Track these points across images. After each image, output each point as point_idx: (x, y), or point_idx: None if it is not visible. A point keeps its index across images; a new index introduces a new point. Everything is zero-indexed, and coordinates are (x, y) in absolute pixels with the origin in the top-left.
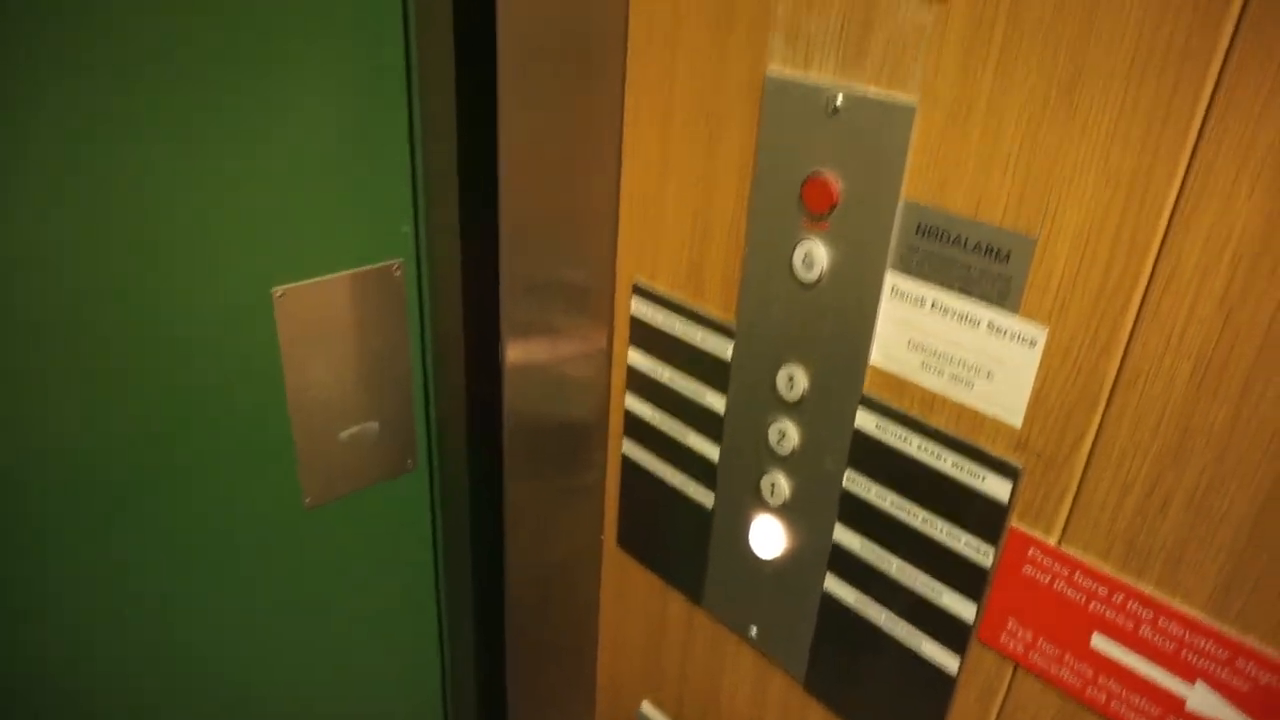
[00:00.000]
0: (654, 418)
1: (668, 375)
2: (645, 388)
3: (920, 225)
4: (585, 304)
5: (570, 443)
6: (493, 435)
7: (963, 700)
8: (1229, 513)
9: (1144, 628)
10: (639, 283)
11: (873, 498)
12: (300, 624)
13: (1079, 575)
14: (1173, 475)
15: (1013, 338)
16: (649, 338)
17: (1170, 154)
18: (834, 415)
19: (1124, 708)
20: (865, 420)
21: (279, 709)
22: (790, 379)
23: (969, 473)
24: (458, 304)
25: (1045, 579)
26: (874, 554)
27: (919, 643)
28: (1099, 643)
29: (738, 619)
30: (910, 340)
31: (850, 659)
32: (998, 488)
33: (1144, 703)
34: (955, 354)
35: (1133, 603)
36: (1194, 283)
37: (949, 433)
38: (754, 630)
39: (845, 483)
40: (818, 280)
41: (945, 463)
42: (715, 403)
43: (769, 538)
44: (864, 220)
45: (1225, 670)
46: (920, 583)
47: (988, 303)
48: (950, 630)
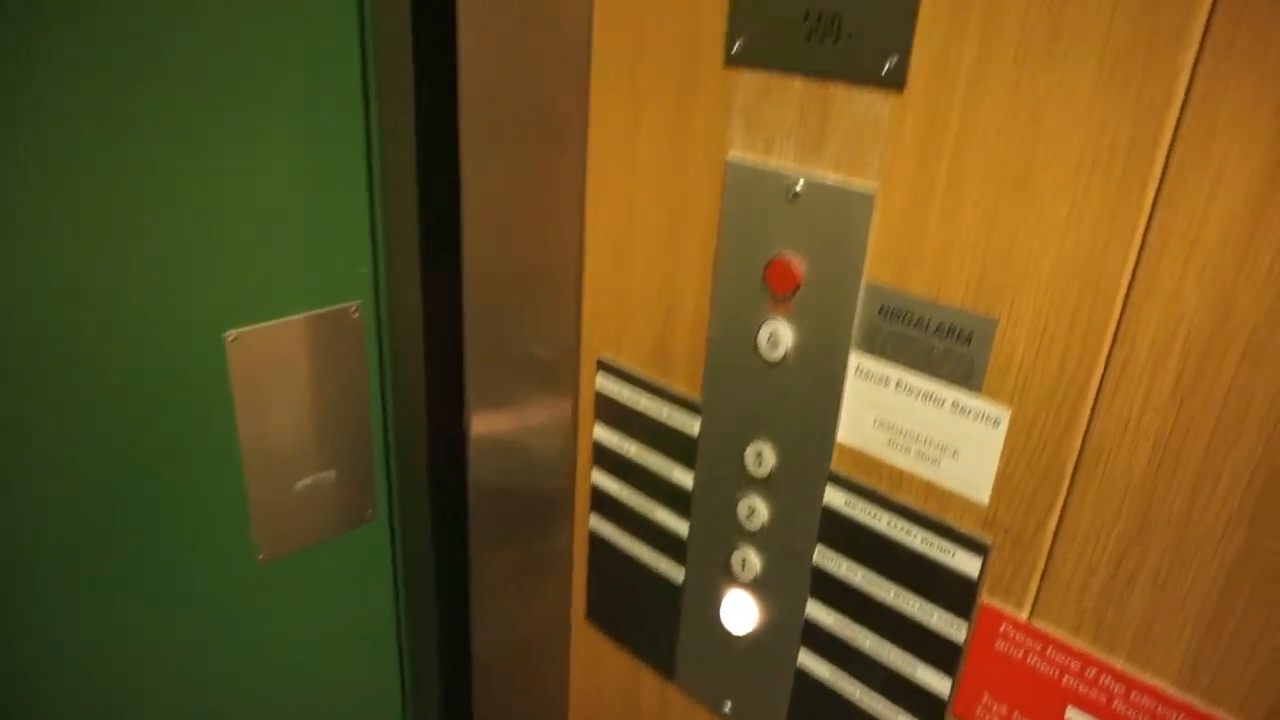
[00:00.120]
0: (621, 493)
1: (634, 450)
2: (612, 462)
3: (883, 307)
4: (550, 379)
5: (536, 515)
6: (456, 486)
7: None
8: (1192, 590)
9: (1116, 702)
10: (604, 358)
11: (844, 573)
12: (254, 689)
13: (1051, 650)
14: (1136, 554)
15: (977, 417)
16: (615, 413)
17: (1121, 245)
18: (803, 491)
19: None
20: (834, 496)
21: None
22: (759, 455)
23: (939, 548)
24: (419, 346)
25: (1018, 654)
26: (847, 629)
27: (894, 717)
28: (1073, 716)
29: (711, 694)
30: (876, 418)
31: None
32: (968, 563)
33: None
34: (921, 432)
35: (1105, 677)
36: (1148, 369)
37: (918, 509)
38: (728, 705)
39: (816, 558)
40: (783, 359)
41: (915, 539)
42: (683, 478)
43: (741, 613)
44: (827, 301)
45: None
46: (894, 658)
47: (951, 383)
48: (925, 705)
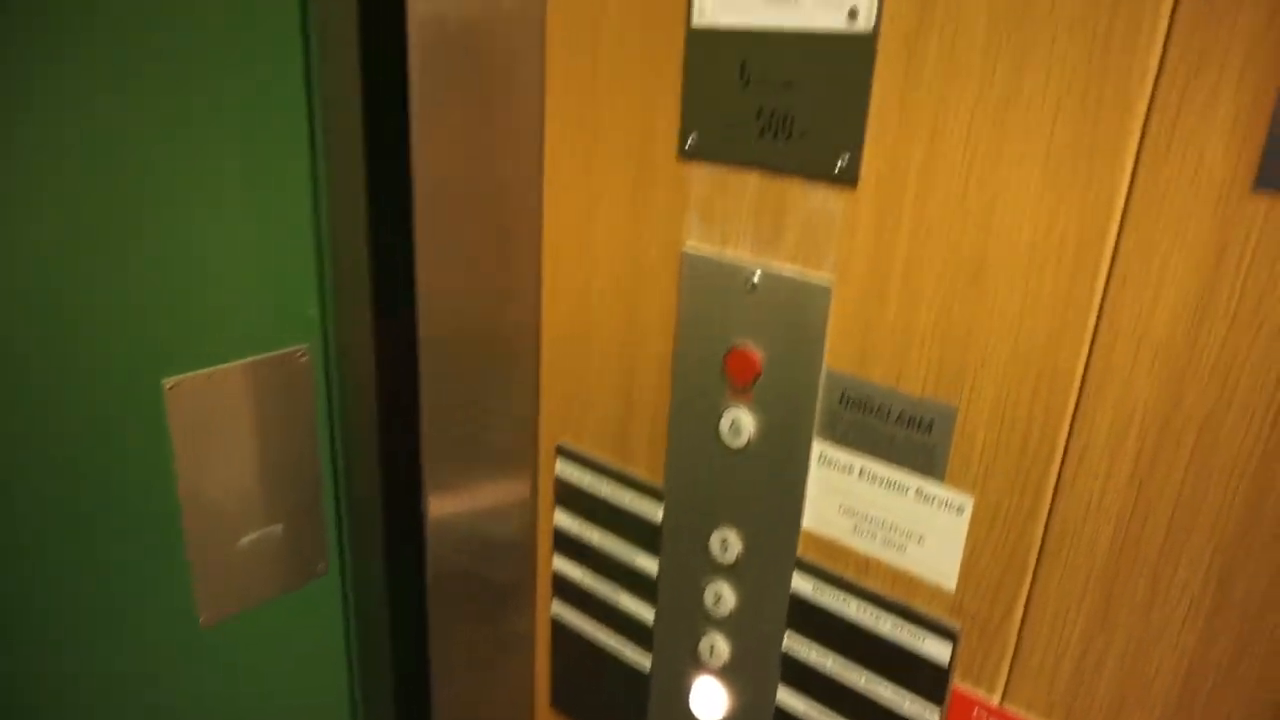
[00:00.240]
0: (584, 579)
1: (597, 537)
2: (574, 549)
3: (844, 395)
4: (509, 461)
5: (497, 600)
6: (412, 539)
7: None
8: (1159, 673)
9: None
10: (564, 444)
11: (814, 659)
12: None
13: None
14: (1103, 639)
15: (940, 505)
16: (576, 499)
17: (1073, 338)
18: (770, 578)
19: None
20: (802, 583)
21: None
22: (724, 542)
23: (909, 634)
24: (371, 390)
25: None
26: (820, 715)
27: None
28: None
29: None
30: (841, 505)
31: None
32: (938, 649)
33: None
34: (886, 519)
35: None
36: (1106, 455)
37: (886, 595)
38: None
39: (786, 644)
40: (746, 446)
41: (884, 624)
42: (648, 565)
43: (710, 700)
44: (788, 390)
45: None
46: None
47: (914, 470)
48: None
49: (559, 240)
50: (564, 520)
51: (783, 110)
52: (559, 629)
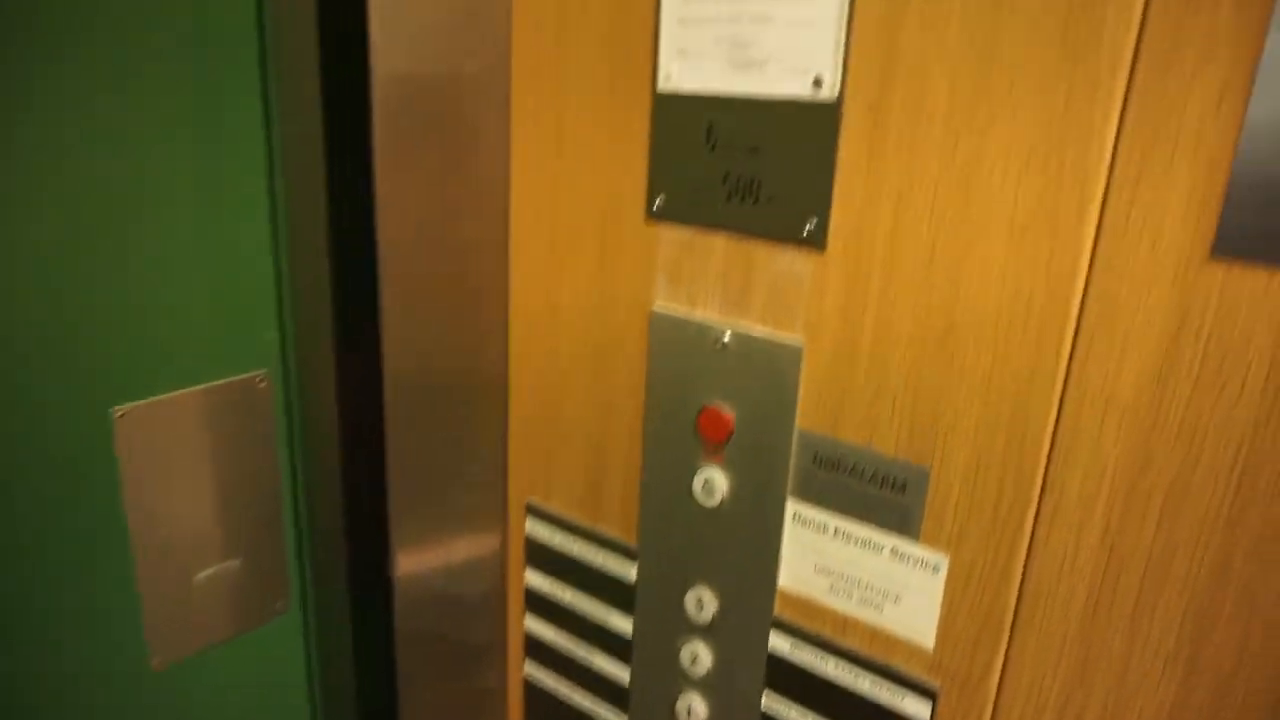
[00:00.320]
0: (557, 639)
1: (569, 597)
2: (546, 608)
3: (817, 455)
4: (476, 523)
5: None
6: (377, 574)
7: None
8: None
9: None
10: (533, 502)
11: (794, 719)
12: None
13: None
14: (1082, 694)
15: (916, 564)
16: (547, 558)
17: (1042, 400)
18: (747, 637)
19: None
20: (779, 642)
21: None
22: (699, 601)
23: (888, 693)
24: (333, 418)
25: None
26: None
27: None
28: None
29: None
30: (816, 564)
31: None
32: (917, 708)
33: None
34: (862, 578)
35: None
36: (1078, 514)
37: (864, 654)
38: None
39: (765, 704)
40: (720, 505)
41: (864, 683)
42: (622, 625)
43: None
44: (761, 450)
45: None
46: None
47: (889, 530)
48: None
49: (526, 299)
50: (536, 580)
51: (749, 174)
52: (532, 690)
